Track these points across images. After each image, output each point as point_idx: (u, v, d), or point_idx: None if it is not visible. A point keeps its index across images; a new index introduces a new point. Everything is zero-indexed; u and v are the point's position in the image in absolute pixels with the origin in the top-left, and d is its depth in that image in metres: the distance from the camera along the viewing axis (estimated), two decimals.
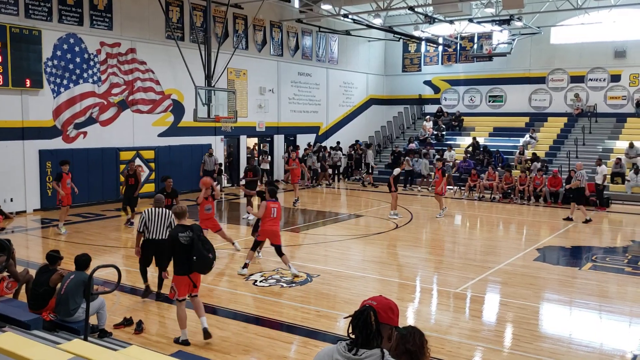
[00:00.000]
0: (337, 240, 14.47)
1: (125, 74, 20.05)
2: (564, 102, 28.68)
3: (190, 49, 20.84)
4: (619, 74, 27.35)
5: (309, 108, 28.50)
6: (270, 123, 26.15)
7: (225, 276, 11.23)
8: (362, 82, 32.06)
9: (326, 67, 29.28)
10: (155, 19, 20.74)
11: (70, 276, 7.24)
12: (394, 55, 33.29)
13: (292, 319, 8.55)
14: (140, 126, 20.64)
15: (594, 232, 16.57)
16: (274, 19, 25.79)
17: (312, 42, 28.21)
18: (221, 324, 8.33)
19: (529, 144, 26.09)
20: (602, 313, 9.33)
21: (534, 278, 11.17)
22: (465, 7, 22.58)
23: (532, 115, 29.12)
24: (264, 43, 25.49)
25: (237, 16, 23.90)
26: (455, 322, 8.73)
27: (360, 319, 2.94)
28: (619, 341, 8.04)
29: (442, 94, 32.17)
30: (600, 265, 12.27)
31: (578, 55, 28.00)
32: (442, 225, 17.35)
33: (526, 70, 29.46)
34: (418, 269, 12.22)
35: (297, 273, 10.72)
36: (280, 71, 26.51)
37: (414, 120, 32.40)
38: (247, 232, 14.75)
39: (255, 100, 25.22)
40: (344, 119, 30.90)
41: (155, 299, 9.30)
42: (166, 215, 9.16)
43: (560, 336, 8.15)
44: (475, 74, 30.91)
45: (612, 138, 25.57)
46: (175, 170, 21.15)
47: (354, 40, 30.18)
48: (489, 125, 29.45)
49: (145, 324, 8.13)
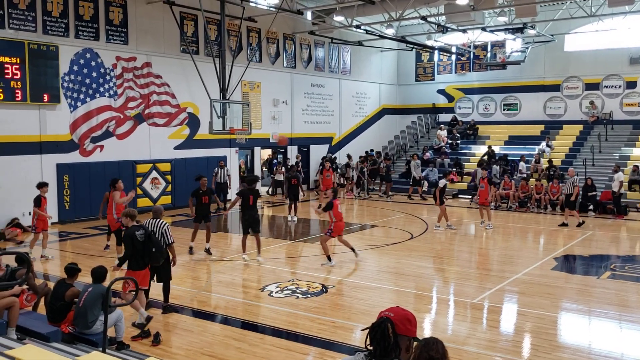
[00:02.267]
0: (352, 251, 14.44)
1: (141, 87, 20.28)
2: (579, 109, 28.49)
3: (205, 62, 21.05)
4: (634, 80, 27.14)
5: (322, 119, 28.59)
6: (284, 134, 26.22)
7: (241, 287, 11.26)
8: (375, 92, 32.10)
9: (339, 77, 29.38)
10: (170, 33, 20.99)
11: (88, 289, 7.31)
12: (406, 65, 33.32)
13: (308, 330, 8.54)
14: (156, 139, 20.84)
15: (612, 241, 16.39)
16: (287, 32, 25.97)
17: (324, 53, 28.35)
18: (238, 335, 8.35)
19: (545, 152, 25.92)
20: (622, 322, 9.22)
21: (551, 287, 11.07)
22: (478, 16, 22.58)
23: (547, 123, 28.95)
24: (277, 55, 25.66)
25: (251, 29, 24.10)
26: (473, 332, 8.67)
27: (377, 331, 2.93)
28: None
29: (456, 103, 32.11)
30: (619, 274, 12.13)
31: (593, 62, 27.82)
32: (458, 235, 17.25)
33: (540, 78, 29.33)
34: (434, 279, 12.16)
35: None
36: (293, 83, 26.65)
37: (427, 130, 32.35)
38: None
39: (269, 112, 25.36)
40: (357, 129, 30.93)
41: (162, 312, 9.31)
42: (159, 225, 9.26)
43: (580, 346, 8.07)
44: (489, 82, 30.82)
45: (628, 145, 25.33)
46: (190, 182, 21.25)
47: (367, 50, 30.27)
48: (504, 133, 29.31)
49: (163, 335, 8.17)
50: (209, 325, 8.90)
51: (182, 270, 11.94)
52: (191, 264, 12.78)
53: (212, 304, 10.03)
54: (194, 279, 11.73)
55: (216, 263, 13.16)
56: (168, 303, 9.42)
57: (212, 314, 9.45)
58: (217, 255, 13.87)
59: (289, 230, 18.26)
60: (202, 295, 10.60)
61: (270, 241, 15.90)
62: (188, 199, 13.96)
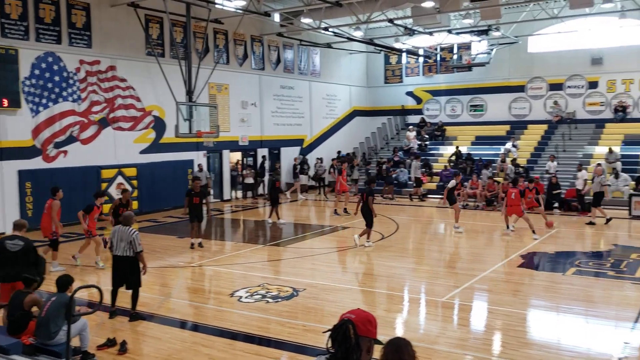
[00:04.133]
0: (324, 253, 14.42)
1: (106, 91, 19.94)
2: (544, 109, 29.02)
3: (171, 64, 20.79)
4: (596, 80, 27.74)
5: (292, 121, 28.52)
6: (253, 137, 26.12)
7: (210, 293, 11.13)
8: (345, 94, 32.18)
9: (309, 79, 29.37)
10: (135, 36, 20.69)
11: (52, 298, 7.11)
12: (375, 67, 33.51)
13: (278, 335, 8.47)
14: (121, 143, 20.50)
15: (577, 237, 16.70)
16: (254, 33, 25.85)
17: (293, 55, 28.30)
18: (207, 342, 8.24)
19: (510, 151, 26.30)
20: (588, 317, 9.37)
21: (518, 285, 11.21)
22: (444, 18, 22.79)
23: (512, 123, 29.40)
24: (245, 57, 25.52)
25: (218, 31, 23.92)
26: (443, 331, 8.72)
27: (339, 333, 2.94)
28: (605, 345, 8.07)
29: (424, 105, 32.39)
30: (584, 270, 12.35)
31: (556, 63, 28.37)
32: (427, 234, 17.38)
33: (505, 79, 29.77)
34: (405, 279, 12.20)
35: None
36: (262, 85, 26.53)
37: (397, 131, 32.58)
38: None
39: (237, 114, 25.19)
40: (328, 131, 30.95)
41: (129, 320, 9.14)
42: (128, 233, 9.09)
43: (547, 342, 8.16)
44: (455, 84, 31.18)
45: (591, 144, 25.88)
46: (157, 186, 21.08)
47: (336, 52, 30.33)
48: (471, 134, 29.68)
49: (130, 343, 8.01)
50: (177, 332, 8.76)
51: (150, 277, 11.72)
52: (159, 270, 12.59)
53: (180, 311, 9.87)
54: (162, 286, 11.55)
55: (185, 269, 12.99)
56: (135, 310, 9.25)
57: (181, 321, 9.30)
58: (186, 261, 13.70)
59: (260, 235, 18.16)
60: (170, 302, 10.44)
61: (241, 246, 15.78)
62: (152, 205, 13.91)
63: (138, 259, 9.11)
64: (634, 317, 9.07)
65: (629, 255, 13.70)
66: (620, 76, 27.11)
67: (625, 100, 26.95)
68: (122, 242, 9.07)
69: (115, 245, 9.16)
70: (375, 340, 3.06)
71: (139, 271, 9.19)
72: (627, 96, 27.04)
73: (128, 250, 9.05)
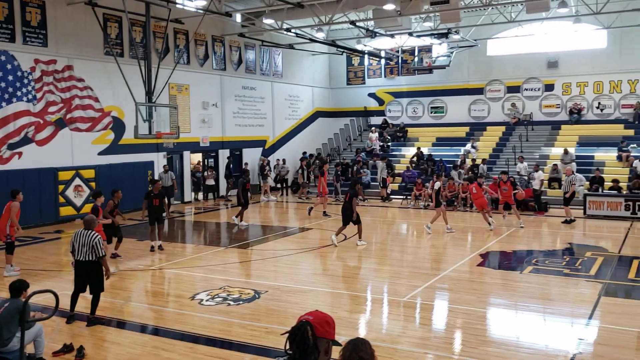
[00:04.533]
0: (286, 255, 14.38)
1: (62, 91, 19.49)
2: (502, 111, 29.64)
3: (130, 64, 20.44)
4: (552, 83, 28.46)
5: (254, 122, 28.38)
6: (214, 138, 25.89)
7: (170, 297, 10.98)
8: (307, 95, 32.20)
9: (271, 80, 29.28)
10: (92, 35, 20.28)
11: (5, 304, 6.90)
12: (338, 69, 33.64)
13: (240, 337, 8.41)
14: (79, 145, 20.07)
15: (534, 236, 17.07)
16: (215, 34, 25.64)
17: (255, 56, 28.17)
18: (168, 346, 8.12)
19: (470, 152, 26.74)
20: (545, 315, 9.58)
21: (478, 283, 11.40)
22: (405, 21, 23.03)
23: (472, 125, 29.92)
24: (206, 57, 25.30)
25: (178, 31, 23.64)
26: (405, 330, 8.79)
27: (297, 334, 2.95)
28: (561, 341, 8.25)
29: (386, 106, 32.68)
30: (540, 268, 12.63)
31: (513, 66, 29.00)
32: (390, 235, 17.52)
33: (465, 81, 30.27)
34: (367, 279, 12.27)
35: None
36: (223, 85, 26.33)
37: (360, 132, 32.76)
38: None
39: (198, 115, 24.93)
40: (290, 132, 30.92)
41: (87, 325, 8.95)
42: (90, 237, 8.90)
43: (506, 339, 8.32)
44: (417, 86, 31.55)
45: (548, 145, 26.53)
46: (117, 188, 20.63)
47: (298, 54, 30.31)
48: (432, 135, 30.08)
49: (88, 349, 7.84)
50: (137, 337, 8.62)
51: (109, 281, 11.49)
52: (119, 274, 12.35)
53: (140, 315, 9.71)
54: (122, 289, 11.34)
55: (145, 272, 12.79)
56: (94, 315, 9.06)
57: (141, 325, 9.14)
58: (146, 264, 13.49)
59: (221, 237, 18.02)
60: (130, 306, 10.26)
61: (202, 248, 15.62)
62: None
63: (101, 264, 8.93)
64: (588, 314, 9.32)
65: (583, 254, 14.08)
66: (575, 79, 27.89)
67: (580, 103, 27.73)
68: (84, 246, 8.86)
69: (77, 250, 8.95)
70: (333, 342, 3.08)
71: (101, 276, 9.01)
72: (581, 99, 27.82)
73: (90, 254, 8.86)
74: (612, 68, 26.91)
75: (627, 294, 10.99)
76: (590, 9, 22.21)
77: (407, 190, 24.58)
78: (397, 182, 26.12)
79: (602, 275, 11.90)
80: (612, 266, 12.73)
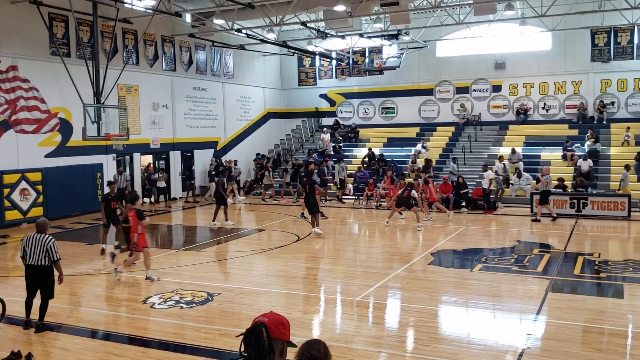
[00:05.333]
0: (239, 257, 14.32)
1: (7, 92, 18.86)
2: (451, 112, 30.24)
3: (78, 65, 19.93)
4: (499, 84, 29.21)
5: (205, 123, 28.10)
6: (165, 139, 25.52)
7: (122, 301, 10.78)
8: (259, 96, 32.09)
9: (222, 81, 29.05)
10: (38, 35, 19.70)
11: None
12: (289, 70, 33.64)
13: (193, 340, 8.33)
14: (25, 147, 19.46)
15: (484, 235, 17.50)
16: (165, 34, 25.27)
17: (206, 56, 27.90)
18: (119, 351, 7.98)
19: (420, 152, 27.17)
20: (495, 311, 9.84)
21: (429, 282, 11.61)
22: (356, 22, 23.22)
23: (422, 125, 30.41)
24: (156, 58, 24.91)
25: (127, 31, 23.19)
26: (359, 330, 8.88)
27: (252, 336, 2.97)
28: (511, 337, 8.50)
29: (337, 107, 32.87)
30: (490, 266, 12.96)
31: (462, 67, 29.63)
32: (343, 235, 17.65)
33: (415, 82, 30.74)
34: (321, 280, 12.33)
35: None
36: (174, 86, 25.98)
37: (312, 133, 32.86)
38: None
39: (148, 116, 24.53)
40: (242, 133, 30.74)
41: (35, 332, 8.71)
42: (44, 240, 8.67)
43: (457, 336, 8.51)
44: (368, 87, 31.86)
45: (496, 145, 27.21)
46: (65, 191, 20.13)
47: (249, 54, 30.18)
48: (383, 136, 30.42)
49: (36, 356, 7.62)
50: (88, 342, 8.43)
51: (58, 286, 11.20)
52: (68, 279, 12.03)
53: (91, 320, 9.50)
54: (71, 294, 11.07)
55: (95, 277, 12.51)
56: (42, 321, 8.81)
57: (92, 330, 8.95)
58: (96, 268, 13.20)
59: (173, 239, 17.79)
60: (79, 311, 10.03)
61: (154, 251, 15.35)
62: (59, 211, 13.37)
63: (54, 268, 8.70)
64: (536, 310, 9.62)
65: (531, 251, 14.53)
66: (522, 80, 28.70)
67: (526, 103, 28.56)
68: (37, 250, 8.60)
69: (29, 254, 8.67)
70: (289, 343, 3.10)
71: (52, 281, 8.78)
72: (528, 99, 28.65)
73: (43, 259, 8.60)
74: (556, 69, 27.81)
75: (572, 289, 11.38)
76: (536, 12, 22.90)
77: (359, 190, 24.79)
78: (348, 182, 26.28)
79: (549, 271, 12.30)
80: (559, 263, 13.18)
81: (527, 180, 22.80)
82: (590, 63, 27.00)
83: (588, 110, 27.45)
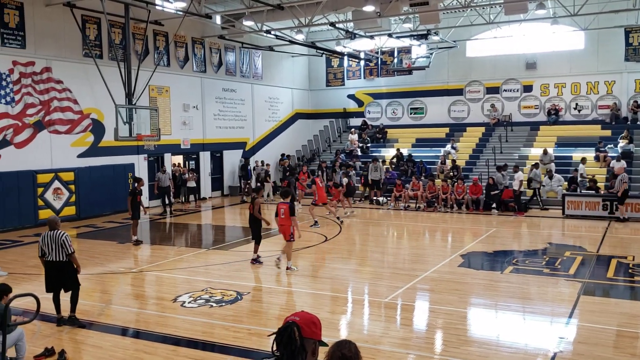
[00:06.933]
0: (268, 256, 14.38)
1: (41, 93, 19.27)
2: (481, 112, 29.89)
3: (110, 66, 20.29)
4: (530, 84, 28.79)
5: (234, 124, 28.32)
6: (195, 140, 25.79)
7: (152, 299, 10.93)
8: (287, 97, 32.21)
9: (251, 82, 29.23)
10: (71, 37, 20.09)
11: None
12: (317, 70, 33.68)
13: (223, 339, 8.40)
14: (58, 147, 19.86)
15: (514, 237, 17.27)
16: (195, 36, 25.53)
17: (235, 58, 28.11)
18: (150, 349, 8.09)
19: (450, 153, 26.95)
20: (525, 314, 9.71)
21: (459, 284, 11.50)
22: (384, 22, 23.16)
23: (451, 126, 30.15)
24: (187, 59, 25.19)
25: (158, 33, 23.51)
26: (387, 331, 8.85)
27: (284, 336, 2.97)
28: (542, 340, 8.37)
29: (365, 107, 32.79)
30: (520, 268, 12.79)
31: (492, 67, 29.29)
32: (371, 236, 17.59)
33: (444, 82, 30.50)
34: (348, 280, 12.31)
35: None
36: (204, 87, 26.24)
37: (339, 134, 32.85)
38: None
39: (179, 117, 24.83)
40: (270, 134, 30.90)
41: (71, 325, 8.89)
42: (57, 236, 8.86)
43: (486, 339, 8.42)
44: (396, 87, 31.70)
45: (527, 145, 26.83)
46: (97, 191, 20.50)
47: (278, 55, 30.31)
48: (411, 136, 30.24)
49: (69, 353, 7.78)
50: (119, 340, 8.57)
51: (90, 284, 11.45)
52: (99, 277, 12.26)
53: (121, 318, 9.65)
54: (102, 292, 11.27)
55: (126, 275, 12.71)
56: (74, 314, 9.00)
57: (122, 328, 9.09)
58: (127, 267, 13.40)
59: (203, 239, 17.95)
60: (111, 309, 10.19)
61: (184, 250, 15.55)
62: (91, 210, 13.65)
63: (71, 261, 8.88)
64: (568, 313, 9.47)
65: (563, 253, 14.28)
66: (553, 80, 28.25)
67: (557, 104, 28.10)
68: (55, 247, 8.80)
69: (47, 252, 8.88)
70: (320, 342, 3.10)
71: (75, 273, 8.97)
72: (559, 99, 28.19)
73: (61, 254, 8.81)
74: (589, 69, 27.30)
75: (605, 292, 11.18)
76: (568, 11, 22.53)
77: (387, 191, 24.69)
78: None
79: (581, 274, 12.09)
80: (591, 265, 12.94)
81: (559, 181, 22.42)
82: (624, 63, 26.44)
83: (621, 111, 26.90)
